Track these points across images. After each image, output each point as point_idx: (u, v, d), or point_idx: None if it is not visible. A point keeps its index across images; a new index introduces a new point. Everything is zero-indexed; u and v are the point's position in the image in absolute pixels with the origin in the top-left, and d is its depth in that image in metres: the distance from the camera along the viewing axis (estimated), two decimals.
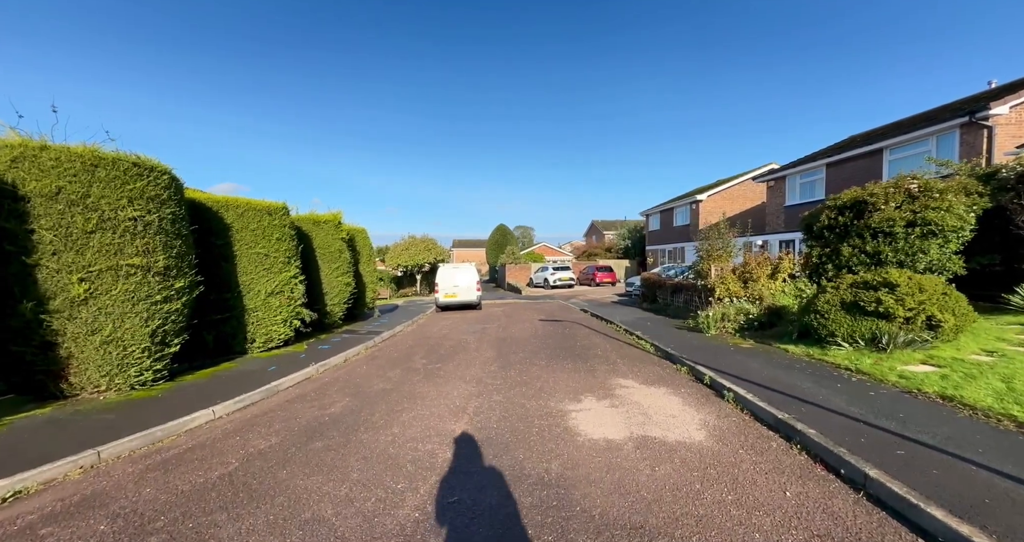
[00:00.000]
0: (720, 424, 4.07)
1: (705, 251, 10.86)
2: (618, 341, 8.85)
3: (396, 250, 27.73)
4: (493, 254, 39.70)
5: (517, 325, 11.87)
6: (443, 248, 27.87)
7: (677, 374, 6.05)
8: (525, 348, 8.43)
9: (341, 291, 10.48)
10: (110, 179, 4.71)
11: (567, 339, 9.27)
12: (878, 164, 13.54)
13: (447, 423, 4.41)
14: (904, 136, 12.48)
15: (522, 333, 10.39)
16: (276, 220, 7.80)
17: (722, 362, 6.07)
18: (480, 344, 9.15)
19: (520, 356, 7.68)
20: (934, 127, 11.60)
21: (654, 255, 30.21)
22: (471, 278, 16.42)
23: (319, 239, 10.05)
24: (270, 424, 4.51)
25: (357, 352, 8.46)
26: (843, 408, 3.96)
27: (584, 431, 4.04)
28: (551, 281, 26.90)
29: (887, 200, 7.50)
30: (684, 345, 7.49)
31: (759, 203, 25.51)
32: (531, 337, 9.75)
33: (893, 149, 13.08)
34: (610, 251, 37.82)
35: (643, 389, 5.36)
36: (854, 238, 7.88)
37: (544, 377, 6.13)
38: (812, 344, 6.31)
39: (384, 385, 6.03)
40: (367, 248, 12.99)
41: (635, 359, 7.09)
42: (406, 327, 12.13)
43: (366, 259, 12.92)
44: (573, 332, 10.24)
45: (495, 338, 9.80)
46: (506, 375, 6.34)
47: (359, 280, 12.45)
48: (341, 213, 10.84)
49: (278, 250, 7.77)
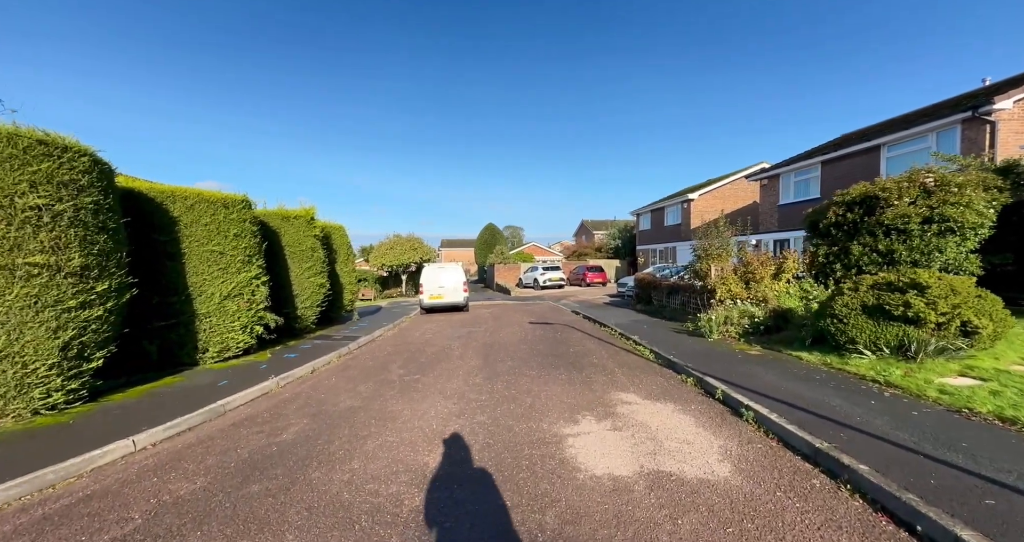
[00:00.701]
0: (745, 453, 3.42)
1: (703, 250, 10.30)
2: (614, 346, 8.21)
3: (380, 249, 26.70)
4: (482, 254, 38.90)
5: (505, 329, 11.15)
6: (429, 247, 26.98)
7: (683, 386, 5.41)
8: (514, 355, 7.72)
9: (314, 293, 9.62)
10: (2, 159, 3.84)
11: (559, 345, 8.59)
12: (875, 161, 13.22)
13: (420, 454, 3.67)
14: (903, 132, 12.16)
15: (511, 338, 9.69)
16: (234, 214, 6.93)
17: (731, 372, 5.45)
18: (465, 351, 8.41)
19: (508, 365, 6.97)
20: (934, 123, 11.28)
21: (645, 255, 29.84)
22: (458, 278, 15.65)
23: (289, 236, 9.18)
24: (202, 458, 3.70)
25: (328, 361, 7.64)
26: (888, 433, 3.35)
27: (584, 464, 3.35)
28: (541, 281, 26.26)
29: (900, 195, 7.02)
30: (686, 351, 6.88)
31: (750, 202, 25.31)
32: (520, 342, 9.04)
33: (891, 146, 12.76)
34: (600, 251, 37.40)
35: (648, 406, 4.70)
36: (864, 236, 7.39)
37: (535, 391, 5.43)
38: (828, 351, 5.75)
39: (352, 402, 5.25)
40: (345, 246, 12.12)
41: (634, 368, 6.45)
42: (386, 331, 11.30)
43: (344, 258, 12.05)
44: (565, 336, 9.58)
45: (482, 344, 9.07)
46: (492, 388, 5.62)
47: (335, 281, 11.58)
48: (314, 208, 9.98)
49: (236, 247, 6.91)
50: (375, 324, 12.15)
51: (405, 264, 26.12)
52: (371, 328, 11.32)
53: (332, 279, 11.38)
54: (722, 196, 25.16)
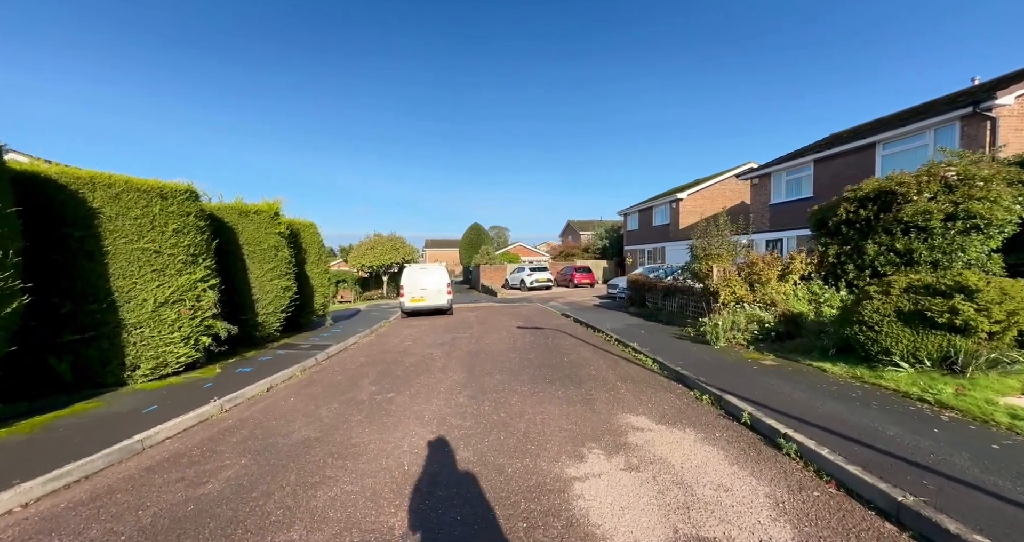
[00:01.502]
0: (803, 507, 2.69)
1: (702, 250, 9.71)
2: (612, 355, 7.47)
3: (360, 249, 25.41)
4: (467, 254, 37.91)
5: (492, 334, 10.32)
6: (412, 247, 25.88)
7: (699, 406, 4.69)
8: (503, 366, 6.90)
9: (278, 297, 8.58)
10: None
11: (552, 353, 7.81)
12: (870, 159, 12.93)
13: (384, 512, 2.82)
14: (899, 130, 11.87)
15: (498, 345, 8.86)
16: (174, 206, 5.90)
17: (751, 387, 4.77)
18: (448, 361, 7.54)
19: (497, 379, 6.14)
20: (932, 120, 10.99)
21: (633, 255, 29.45)
22: (441, 280, 14.74)
23: (248, 233, 8.13)
24: (83, 529, 2.75)
25: (289, 376, 6.66)
26: (981, 478, 2.67)
27: (601, 527, 2.56)
28: (528, 282, 25.50)
29: (920, 190, 6.49)
30: (693, 361, 6.19)
31: (738, 202, 25.14)
32: (509, 350, 8.23)
33: (887, 143, 12.48)
34: (587, 251, 36.93)
35: (664, 433, 3.95)
36: (880, 234, 6.85)
37: (529, 413, 4.62)
38: (856, 362, 5.12)
39: (308, 431, 4.34)
40: (316, 245, 11.08)
41: (639, 382, 5.71)
42: (362, 338, 10.32)
43: (315, 258, 11.00)
44: (558, 343, 8.81)
45: (466, 352, 8.22)
46: (479, 410, 4.78)
47: (305, 283, 10.53)
48: (280, 202, 8.94)
49: (177, 245, 5.87)
50: (350, 330, 11.14)
51: (386, 265, 24.96)
52: (345, 334, 10.32)
53: (301, 281, 10.33)
54: (711, 196, 24.92)
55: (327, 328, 11.43)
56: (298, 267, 10.04)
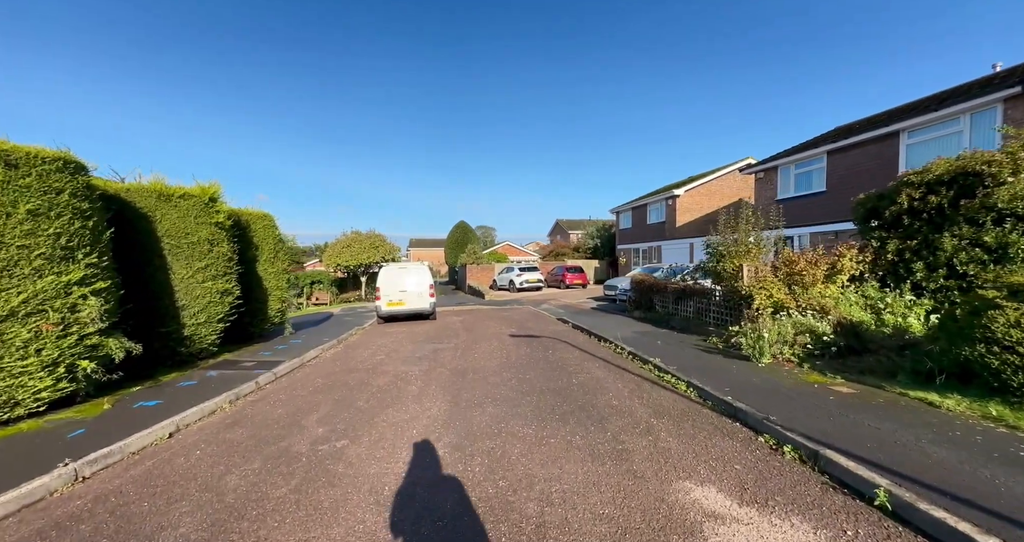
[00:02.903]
0: None
1: (725, 246, 8.38)
2: (629, 374, 6.04)
3: (335, 248, 23.37)
4: (452, 254, 36.18)
5: (481, 345, 8.78)
6: (393, 245, 24.03)
7: (784, 464, 3.26)
8: (496, 392, 5.38)
9: (213, 303, 6.86)
10: None
11: (555, 371, 6.32)
12: (893, 150, 11.89)
13: None
14: (928, 115, 10.82)
15: (489, 359, 7.33)
16: (31, 179, 4.18)
17: (849, 433, 3.38)
18: (427, 383, 5.97)
19: (490, 413, 4.62)
20: (968, 103, 9.95)
21: (626, 254, 28.29)
22: (423, 281, 13.14)
23: (170, 223, 6.39)
24: None
25: (211, 410, 4.99)
26: None
27: None
28: (517, 283, 24.03)
29: (1017, 169, 5.25)
30: (741, 386, 4.79)
31: (736, 199, 24.21)
32: (503, 367, 6.71)
33: (912, 131, 11.44)
34: (578, 250, 35.68)
35: (761, 527, 2.50)
36: (961, 225, 5.59)
37: (540, 480, 3.12)
38: (981, 395, 3.79)
39: (188, 527, 2.74)
40: (271, 241, 9.33)
41: (680, 418, 4.27)
42: (325, 351, 8.64)
43: (269, 256, 9.26)
44: (560, 357, 7.33)
45: (451, 370, 6.66)
46: (466, 473, 3.26)
47: (255, 285, 8.79)
48: (217, 187, 7.21)
49: (34, 234, 4.16)
50: (313, 340, 9.43)
51: (364, 264, 23.09)
52: (305, 346, 8.62)
53: (250, 283, 8.60)
54: (708, 193, 23.92)
55: (286, 338, 9.70)
56: (246, 266, 8.32)
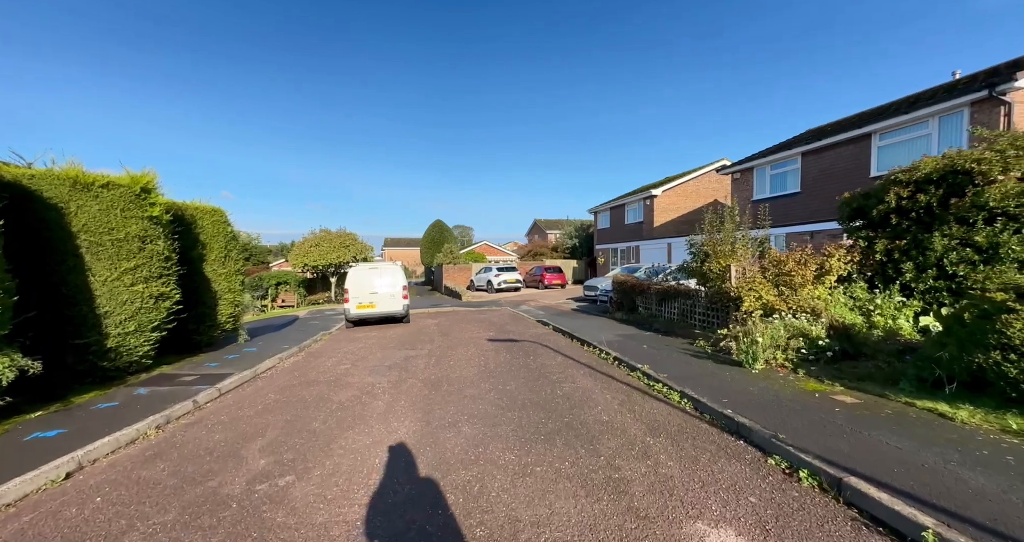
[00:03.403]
0: None
1: (711, 246, 8.14)
2: (617, 382, 5.61)
3: (303, 246, 21.98)
4: (428, 253, 35.23)
5: (458, 351, 8.19)
6: (365, 244, 22.86)
7: (804, 494, 2.86)
8: (473, 408, 4.81)
9: (145, 309, 5.96)
10: None
11: (538, 380, 5.82)
12: (865, 151, 12.10)
13: None
14: (899, 118, 11.03)
15: (465, 368, 6.75)
16: None
17: (870, 454, 3.03)
18: (395, 398, 5.34)
19: (466, 434, 4.05)
20: (937, 106, 10.16)
21: (604, 254, 28.24)
22: (395, 282, 12.38)
23: (89, 217, 5.46)
24: None
25: (129, 438, 4.19)
26: None
27: None
28: (495, 284, 23.47)
29: (1007, 168, 5.14)
30: (738, 396, 4.44)
31: (711, 200, 24.54)
32: (480, 377, 6.15)
33: (884, 134, 11.65)
34: (556, 250, 35.49)
35: None
36: (951, 225, 5.45)
37: (528, 527, 2.59)
38: (996, 406, 3.54)
39: None
40: (221, 238, 8.38)
41: (678, 437, 3.84)
42: (283, 360, 7.81)
43: (219, 255, 8.31)
44: (542, 364, 6.83)
45: (423, 381, 6.04)
46: (437, 523, 2.68)
47: (203, 288, 7.86)
48: (152, 176, 6.30)
49: None
50: (271, 347, 8.56)
51: (335, 264, 21.92)
52: (260, 355, 7.76)
53: (196, 286, 7.68)
54: (685, 193, 24.12)
55: (240, 345, 8.77)
56: (190, 267, 7.40)
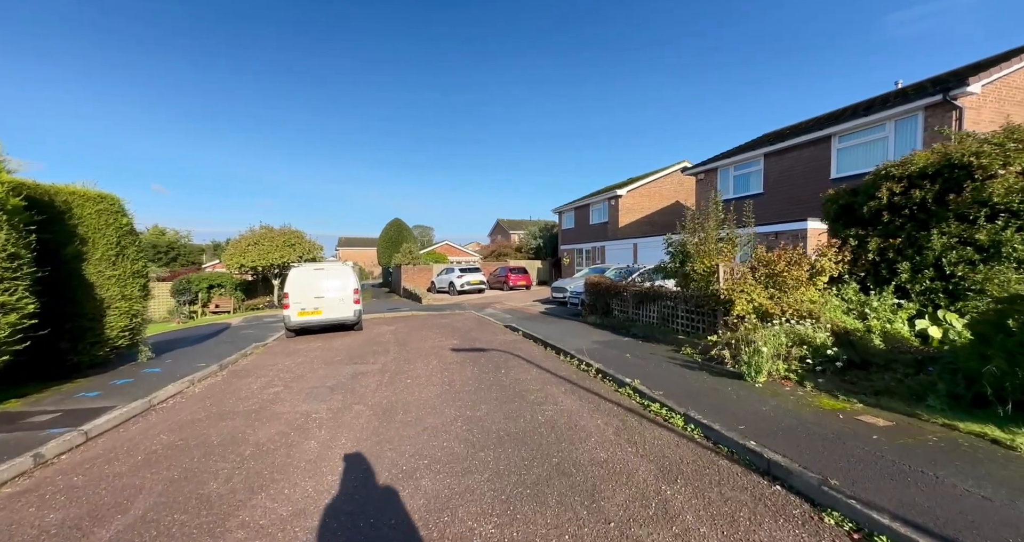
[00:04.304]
0: None
1: (694, 246, 7.60)
2: (605, 402, 4.78)
3: (239, 245, 19.31)
4: (386, 253, 33.16)
5: (417, 364, 7.04)
6: (313, 243, 20.68)
7: None
8: (435, 448, 3.75)
9: None
10: None
11: (514, 403, 4.85)
12: (825, 153, 12.32)
13: None
14: (856, 121, 11.25)
15: (426, 387, 5.65)
16: None
17: (953, 506, 2.36)
18: (335, 436, 4.16)
19: (427, 493, 3.00)
20: (893, 110, 10.40)
21: (570, 255, 27.86)
22: (345, 284, 10.95)
23: None
24: None
25: None
26: None
27: None
28: (458, 285, 22.26)
29: (1007, 161, 4.87)
30: (755, 421, 3.75)
31: (673, 202, 24.86)
32: (445, 400, 5.08)
33: (843, 136, 11.88)
34: (520, 251, 34.80)
35: None
36: (951, 222, 5.14)
37: None
38: None
39: None
40: (111, 232, 6.64)
41: (698, 482, 3.04)
42: (192, 384, 6.26)
43: (108, 253, 6.58)
44: (516, 380, 5.88)
45: (372, 410, 4.87)
46: None
47: (82, 294, 6.15)
48: None
49: None
50: (182, 366, 6.93)
51: (279, 265, 19.67)
52: (162, 378, 6.18)
53: (70, 292, 5.97)
54: (648, 194, 24.22)
55: (139, 367, 7.06)
56: (60, 268, 5.71)
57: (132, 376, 6.42)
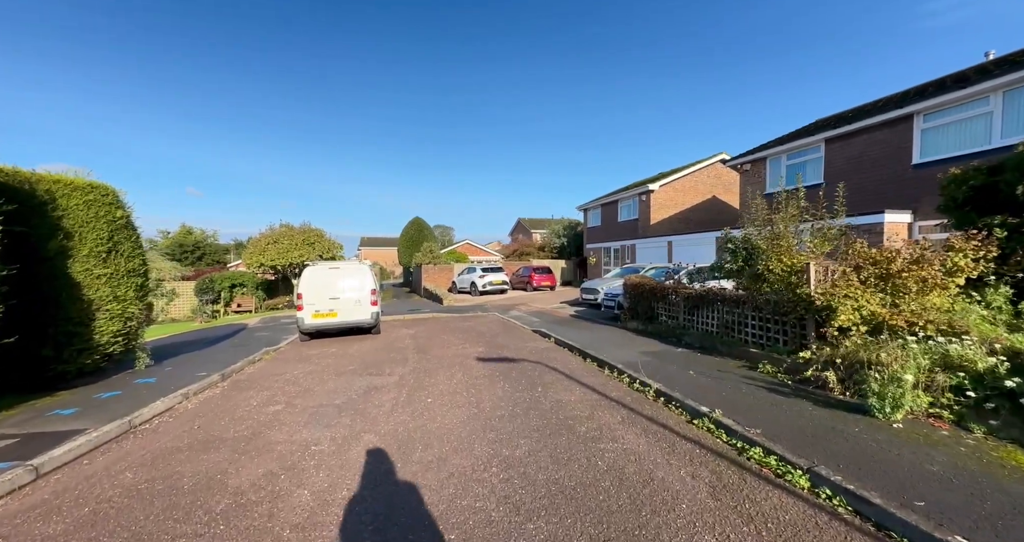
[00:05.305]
0: None
1: (766, 240, 6.33)
2: (683, 441, 3.63)
3: (259, 244, 19.01)
4: (406, 253, 32.63)
5: (439, 377, 6.06)
6: (333, 241, 20.13)
7: None
8: (464, 510, 2.71)
9: None
10: None
11: (561, 438, 3.77)
12: (905, 135, 10.64)
13: None
14: (949, 95, 9.57)
15: (450, 411, 4.64)
16: None
17: None
18: (334, 485, 3.19)
19: None
20: (998, 80, 8.72)
21: (596, 254, 26.51)
22: (363, 285, 10.16)
23: None
24: None
25: None
26: None
27: None
28: (480, 285, 21.35)
29: None
30: (928, 487, 2.54)
31: (710, 197, 23.17)
32: (473, 431, 4.05)
33: (929, 114, 10.20)
34: (543, 250, 33.61)
35: None
36: None
37: None
38: None
39: None
40: (103, 226, 5.95)
41: None
42: (187, 398, 5.48)
43: (98, 250, 5.89)
44: (557, 402, 4.79)
45: (386, 440, 3.90)
46: None
47: (66, 296, 5.46)
48: None
49: None
50: (182, 375, 6.20)
51: (298, 264, 19.27)
52: (155, 391, 5.43)
53: (52, 293, 5.29)
54: (683, 189, 22.63)
55: (133, 375, 6.37)
56: (40, 266, 5.02)
57: (122, 388, 5.70)
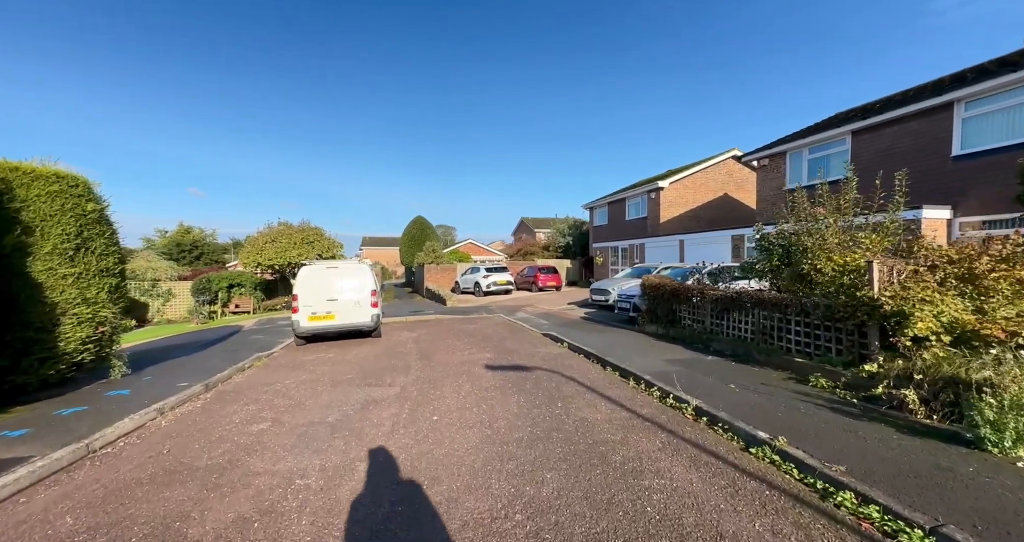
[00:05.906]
0: None
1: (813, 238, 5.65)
2: (744, 477, 2.95)
3: (257, 242, 18.37)
4: (408, 252, 31.99)
5: (445, 389, 5.41)
6: (333, 240, 19.48)
7: None
8: None
9: None
10: None
11: (594, 471, 3.10)
12: (944, 124, 9.93)
13: None
14: (995, 81, 8.85)
15: (459, 434, 3.98)
16: None
17: None
18: (320, 537, 2.52)
19: None
20: None
21: (603, 253, 25.81)
22: (363, 286, 9.53)
23: None
24: None
25: None
26: None
27: None
28: (484, 286, 20.71)
29: None
30: None
31: (722, 194, 22.45)
32: (487, 460, 3.38)
33: (971, 102, 9.49)
34: (548, 249, 32.95)
35: None
36: None
37: None
38: None
39: None
40: (70, 221, 5.32)
41: None
42: (162, 413, 4.84)
43: (63, 246, 5.26)
44: (582, 420, 4.12)
45: (385, 476, 3.24)
46: None
47: (26, 298, 4.83)
48: None
49: None
50: (161, 385, 5.57)
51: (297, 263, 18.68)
52: (126, 405, 4.79)
53: (11, 295, 4.65)
54: (693, 186, 21.92)
55: (106, 386, 5.74)
56: None
57: (89, 402, 5.06)
